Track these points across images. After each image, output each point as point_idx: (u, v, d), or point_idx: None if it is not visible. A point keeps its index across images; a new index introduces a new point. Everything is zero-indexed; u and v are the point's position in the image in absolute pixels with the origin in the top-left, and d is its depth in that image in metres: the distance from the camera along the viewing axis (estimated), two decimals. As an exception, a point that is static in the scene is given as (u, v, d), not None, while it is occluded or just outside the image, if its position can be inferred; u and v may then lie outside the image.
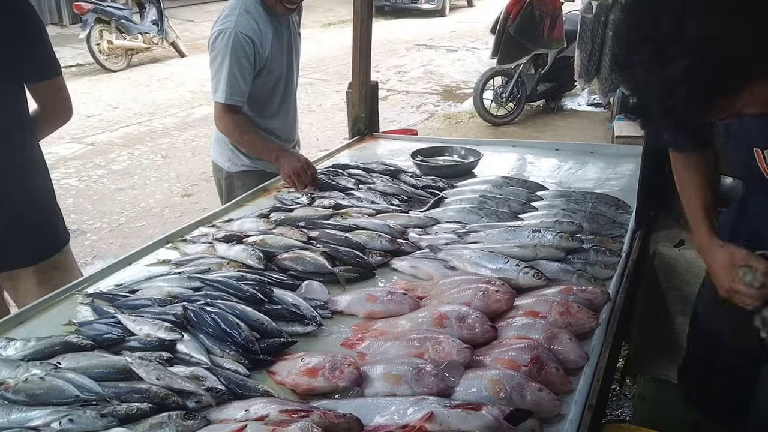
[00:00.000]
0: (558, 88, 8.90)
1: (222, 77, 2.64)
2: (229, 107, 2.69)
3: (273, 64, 2.77)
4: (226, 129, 2.77)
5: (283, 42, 2.81)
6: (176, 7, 14.46)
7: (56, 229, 2.23)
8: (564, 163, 3.12)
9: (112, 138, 7.73)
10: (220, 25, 2.67)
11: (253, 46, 2.64)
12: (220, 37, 2.65)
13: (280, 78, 2.86)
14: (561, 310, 1.73)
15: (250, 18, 2.66)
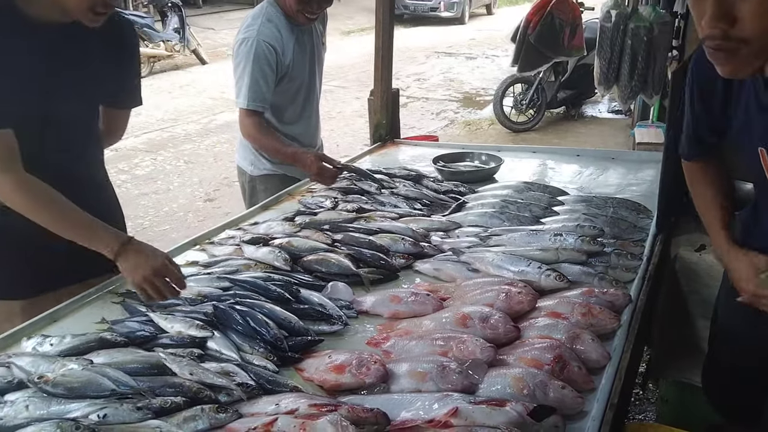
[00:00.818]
0: (578, 95, 8.91)
1: (244, 84, 2.71)
2: (251, 112, 2.75)
3: (294, 72, 2.83)
4: (248, 133, 2.84)
5: (305, 50, 2.87)
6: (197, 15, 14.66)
7: None
8: (585, 169, 3.14)
9: (136, 144, 7.86)
10: (243, 33, 2.74)
11: (275, 54, 2.71)
12: (242, 45, 2.72)
13: (302, 86, 2.92)
14: (583, 311, 1.75)
15: (272, 26, 2.73)
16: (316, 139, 3.16)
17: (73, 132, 1.94)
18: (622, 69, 4.41)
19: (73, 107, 1.90)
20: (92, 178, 2.07)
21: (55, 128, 1.87)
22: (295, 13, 2.73)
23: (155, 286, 1.73)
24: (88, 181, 2.03)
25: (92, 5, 1.69)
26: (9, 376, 1.48)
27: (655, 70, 4.45)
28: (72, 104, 1.89)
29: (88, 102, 1.97)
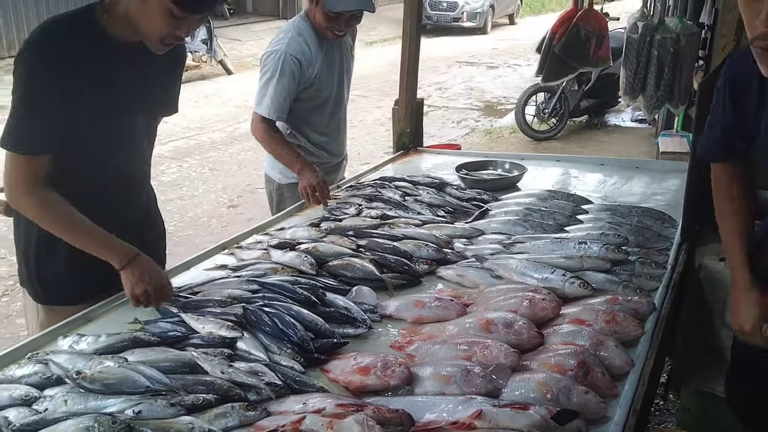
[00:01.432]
0: (601, 104, 8.88)
1: (268, 94, 2.82)
2: (265, 119, 2.86)
3: (321, 84, 2.91)
4: (260, 137, 2.93)
5: (333, 63, 2.96)
6: (224, 27, 14.84)
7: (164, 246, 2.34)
8: (609, 178, 3.15)
9: (162, 151, 7.98)
10: (273, 46, 2.86)
11: (300, 67, 2.81)
12: (271, 57, 2.83)
13: (330, 96, 3.00)
14: (607, 318, 1.77)
15: (301, 40, 2.83)
16: (342, 149, 3.23)
17: (136, 142, 2.04)
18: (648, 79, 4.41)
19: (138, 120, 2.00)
20: (143, 185, 2.18)
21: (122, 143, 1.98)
22: (323, 29, 2.82)
23: (147, 302, 1.85)
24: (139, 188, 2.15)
25: (163, 37, 1.79)
26: (47, 373, 1.53)
27: (681, 81, 4.44)
28: (137, 117, 2.00)
29: (149, 114, 2.07)
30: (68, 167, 1.87)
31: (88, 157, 1.91)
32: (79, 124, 1.83)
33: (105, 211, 1.91)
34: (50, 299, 2.02)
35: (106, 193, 1.98)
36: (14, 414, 1.39)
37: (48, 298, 2.03)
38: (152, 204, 2.24)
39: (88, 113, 1.84)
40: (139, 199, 2.14)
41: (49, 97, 1.77)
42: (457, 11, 17.81)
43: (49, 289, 2.01)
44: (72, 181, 1.89)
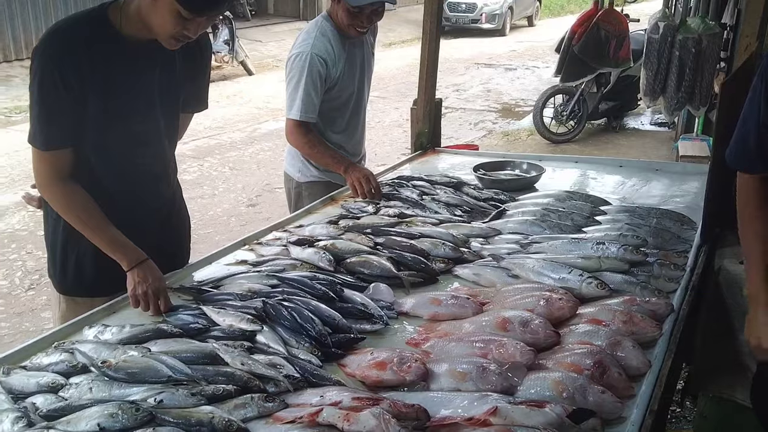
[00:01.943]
0: (620, 107, 8.83)
1: (298, 96, 2.83)
2: (301, 123, 2.85)
3: (344, 83, 2.94)
4: (298, 143, 2.93)
5: (355, 62, 2.98)
6: (246, 28, 14.94)
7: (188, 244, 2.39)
8: (628, 180, 3.14)
9: (184, 150, 8.06)
10: (298, 48, 2.87)
11: (326, 67, 2.83)
12: (297, 59, 2.85)
13: (351, 96, 3.02)
14: (624, 318, 1.77)
15: (325, 40, 2.85)
16: (360, 148, 3.25)
17: (157, 140, 2.07)
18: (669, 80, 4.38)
19: (159, 118, 2.03)
20: (168, 181, 2.21)
21: (144, 138, 2.02)
22: (346, 27, 2.84)
23: (146, 302, 1.89)
24: (165, 183, 2.19)
25: (175, 35, 1.82)
26: (73, 361, 1.57)
27: (703, 83, 4.41)
28: (159, 115, 2.03)
29: (173, 110, 2.09)
30: (90, 164, 1.93)
31: (110, 155, 1.95)
32: (97, 121, 1.88)
33: (129, 208, 1.96)
34: (72, 290, 2.08)
35: (129, 190, 2.02)
36: (41, 400, 1.43)
37: (70, 289, 2.08)
38: (178, 200, 2.28)
39: (105, 111, 1.88)
40: (163, 195, 2.17)
41: (61, 95, 1.82)
42: (475, 13, 17.77)
43: (71, 280, 2.06)
44: (94, 178, 1.94)
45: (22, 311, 4.43)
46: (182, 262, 2.23)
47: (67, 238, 2.02)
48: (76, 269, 2.05)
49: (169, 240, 2.12)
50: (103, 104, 1.87)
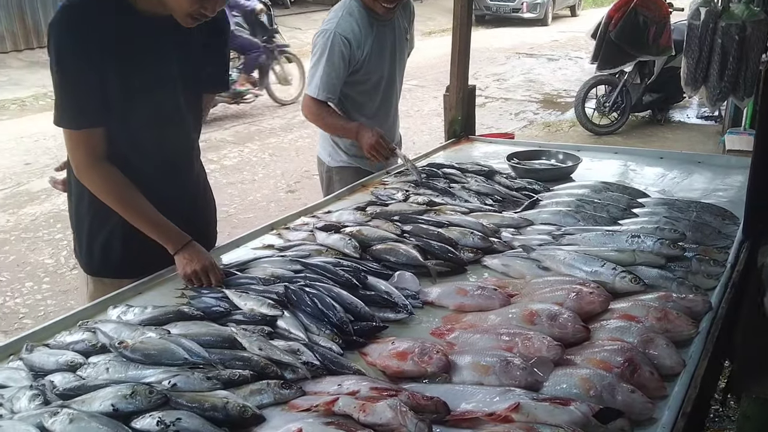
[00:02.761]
0: (665, 99, 8.57)
1: (317, 73, 2.81)
2: (318, 100, 2.84)
3: (371, 66, 2.88)
4: (311, 116, 2.93)
5: (385, 45, 2.92)
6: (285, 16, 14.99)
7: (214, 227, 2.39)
8: (669, 172, 3.03)
9: (225, 136, 8.16)
10: (324, 25, 2.85)
11: (350, 47, 2.78)
12: (321, 36, 2.82)
13: (381, 80, 2.96)
14: (658, 315, 1.69)
15: (351, 20, 2.81)
16: (393, 134, 3.19)
17: (178, 119, 2.05)
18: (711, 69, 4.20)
19: (179, 96, 2.01)
20: (192, 163, 2.19)
21: (164, 118, 1.99)
22: (373, 3, 2.77)
23: (199, 279, 1.92)
24: (188, 165, 2.17)
25: (191, 13, 1.79)
26: (93, 341, 1.57)
27: (747, 72, 4.21)
28: (179, 93, 2.00)
29: (193, 90, 2.06)
30: (114, 145, 1.91)
31: (129, 134, 1.93)
32: (116, 98, 1.86)
33: (153, 189, 1.94)
34: (99, 271, 2.08)
35: (153, 171, 2.00)
36: (59, 378, 1.43)
37: (97, 269, 2.08)
38: (203, 181, 2.26)
39: (124, 87, 1.86)
40: (187, 177, 2.16)
41: (83, 67, 1.79)
42: (516, 1, 17.53)
43: (98, 261, 2.07)
44: (119, 158, 1.92)
45: (67, 289, 4.54)
46: (209, 245, 2.21)
47: (93, 220, 2.02)
48: (103, 251, 2.05)
49: (196, 223, 2.11)
50: (121, 79, 1.85)
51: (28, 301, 4.43)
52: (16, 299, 4.47)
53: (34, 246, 5.22)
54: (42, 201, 5.95)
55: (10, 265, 4.92)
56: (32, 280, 4.71)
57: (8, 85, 10.06)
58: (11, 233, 5.46)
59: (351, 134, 2.87)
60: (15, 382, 1.43)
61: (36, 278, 4.74)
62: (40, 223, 5.60)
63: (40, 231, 5.47)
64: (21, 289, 4.59)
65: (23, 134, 7.92)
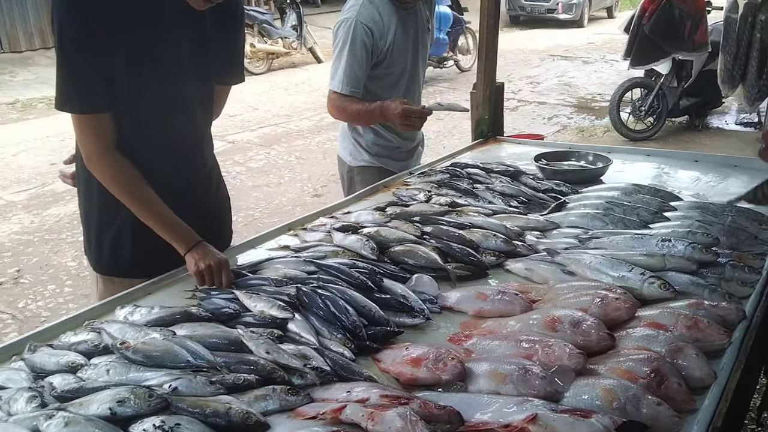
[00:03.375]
0: (703, 104, 8.31)
1: (340, 66, 2.72)
2: (341, 95, 2.75)
3: (394, 58, 2.79)
4: (335, 111, 2.85)
5: (408, 35, 2.83)
6: (316, 15, 15.03)
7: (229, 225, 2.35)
8: (704, 176, 2.91)
9: (251, 137, 8.18)
10: (344, 14, 2.75)
11: (372, 37, 2.69)
12: (342, 26, 2.73)
13: (404, 73, 2.87)
14: (688, 323, 1.59)
15: (373, 8, 2.71)
16: (416, 133, 3.10)
17: (188, 110, 1.98)
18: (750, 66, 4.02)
19: (189, 85, 1.95)
20: (202, 157, 2.12)
21: (172, 107, 1.93)
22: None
23: (211, 275, 1.85)
24: (199, 159, 2.10)
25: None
26: (96, 341, 1.54)
27: (788, 69, 4.03)
28: (188, 82, 1.94)
29: (204, 79, 2.00)
30: (121, 134, 1.86)
31: (135, 123, 1.87)
32: (124, 82, 1.79)
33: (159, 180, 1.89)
34: (109, 270, 2.05)
35: (161, 163, 1.94)
36: (59, 380, 1.39)
37: (107, 268, 2.05)
38: (216, 178, 2.20)
39: (130, 73, 1.79)
40: (199, 172, 2.11)
41: (88, 46, 1.72)
42: (551, 2, 17.32)
43: (108, 259, 2.03)
44: (125, 149, 1.87)
45: (89, 293, 4.52)
46: (223, 245, 2.16)
47: (102, 214, 1.98)
48: (113, 248, 2.01)
49: (209, 222, 2.06)
50: (127, 63, 1.78)
51: (50, 304, 4.46)
52: (38, 302, 4.49)
53: (57, 248, 5.26)
54: (67, 202, 5.98)
55: (33, 267, 4.96)
56: (55, 283, 4.73)
57: (36, 83, 10.19)
58: (35, 234, 5.51)
59: (376, 116, 2.75)
60: (14, 383, 1.40)
61: (58, 281, 4.76)
62: (63, 225, 5.64)
63: (64, 233, 5.51)
64: (43, 292, 4.62)
65: (50, 133, 8.01)
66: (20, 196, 6.31)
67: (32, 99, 9.64)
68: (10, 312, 4.36)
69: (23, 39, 11.67)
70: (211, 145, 2.16)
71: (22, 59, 11.41)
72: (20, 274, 4.87)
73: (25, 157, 7.40)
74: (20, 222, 5.76)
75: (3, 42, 11.48)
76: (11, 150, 7.65)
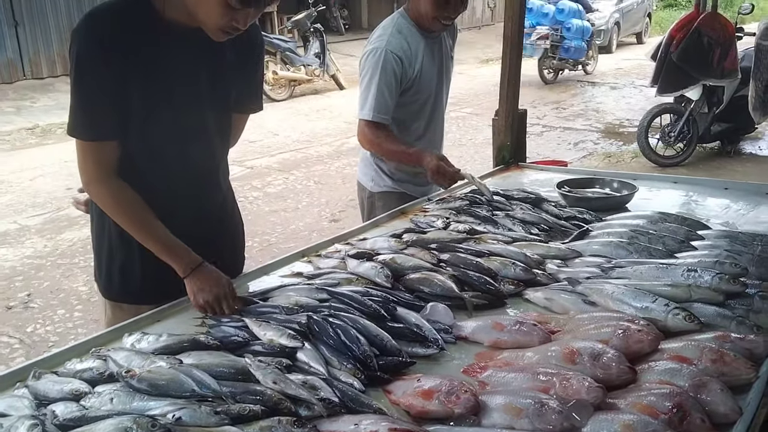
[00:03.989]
0: (735, 130, 8.15)
1: (370, 94, 2.71)
2: (373, 123, 2.74)
3: (421, 85, 2.79)
4: (367, 142, 2.83)
5: (434, 63, 2.84)
6: (339, 42, 15.19)
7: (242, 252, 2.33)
8: (734, 204, 2.82)
9: (270, 163, 8.22)
10: (372, 44, 2.76)
11: (401, 65, 2.69)
12: (371, 56, 2.73)
13: (429, 99, 2.87)
14: (714, 357, 1.52)
15: (401, 38, 2.72)
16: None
17: (204, 138, 1.98)
18: (781, 93, 3.94)
19: (207, 114, 1.95)
20: (218, 184, 2.12)
21: (189, 136, 1.93)
22: (431, 20, 2.71)
23: (213, 309, 1.84)
24: (214, 186, 2.10)
25: (223, 27, 1.72)
26: (102, 369, 1.52)
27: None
28: (206, 111, 1.94)
29: (222, 109, 2.00)
30: (133, 161, 1.86)
31: (154, 150, 1.87)
32: (138, 110, 1.80)
33: (172, 208, 1.89)
34: (118, 296, 2.04)
35: (174, 191, 1.94)
36: (61, 408, 1.37)
37: (116, 294, 2.04)
38: (230, 204, 2.19)
39: (146, 99, 1.80)
40: (214, 199, 2.10)
41: (102, 74, 1.74)
42: (579, 29, 17.23)
43: (117, 285, 2.02)
44: (136, 176, 1.87)
45: (98, 318, 4.54)
46: (235, 272, 2.15)
47: (113, 242, 1.98)
48: (122, 275, 2.00)
49: (223, 248, 2.05)
50: (143, 92, 1.79)
51: (59, 329, 4.44)
52: (47, 327, 4.48)
53: (69, 272, 5.26)
54: (81, 227, 6.00)
55: (43, 292, 4.96)
56: (64, 308, 4.72)
57: (56, 109, 10.32)
58: (47, 259, 5.53)
59: (413, 159, 2.77)
60: (16, 410, 1.38)
61: (68, 306, 4.76)
62: (77, 249, 5.66)
63: (77, 257, 5.52)
64: (53, 317, 4.61)
65: (67, 158, 8.02)
66: (35, 221, 6.38)
67: (51, 124, 9.79)
68: (18, 336, 4.36)
69: (45, 66, 11.92)
70: (227, 171, 2.16)
71: (43, 85, 11.64)
72: (30, 298, 4.88)
73: (42, 181, 7.50)
74: (33, 246, 5.80)
75: (25, 68, 11.74)
76: (28, 175, 7.76)
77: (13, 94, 11.23)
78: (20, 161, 8.32)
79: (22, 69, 11.72)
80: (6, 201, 6.95)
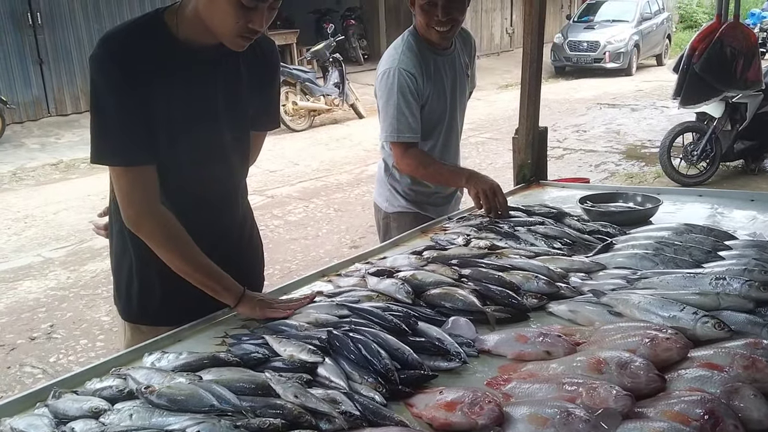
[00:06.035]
0: (760, 147, 8.03)
1: (390, 115, 2.69)
2: (406, 145, 2.71)
3: (433, 104, 2.78)
4: (409, 167, 2.80)
5: (445, 80, 2.82)
6: (357, 72, 15.34)
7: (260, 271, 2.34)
8: (761, 215, 2.75)
9: (290, 191, 8.28)
10: (384, 65, 2.75)
11: (416, 82, 2.68)
12: (384, 78, 2.72)
13: (442, 118, 2.85)
14: (745, 363, 1.47)
15: (412, 56, 2.71)
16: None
17: (223, 158, 1.98)
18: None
19: (225, 134, 1.95)
20: (237, 203, 2.12)
21: (208, 156, 1.93)
22: (426, 30, 2.70)
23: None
24: (233, 206, 2.10)
25: (239, 31, 1.72)
26: (121, 386, 1.51)
27: None
28: (225, 131, 1.94)
29: (240, 128, 2.00)
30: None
31: (173, 171, 1.87)
32: (159, 134, 1.80)
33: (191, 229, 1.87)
34: (137, 318, 2.04)
35: (190, 209, 1.92)
36: (80, 425, 1.36)
37: (135, 316, 2.04)
38: (249, 224, 2.20)
39: (164, 123, 1.80)
40: (231, 217, 2.10)
41: (126, 92, 1.72)
42: (598, 51, 17.26)
43: (137, 307, 2.02)
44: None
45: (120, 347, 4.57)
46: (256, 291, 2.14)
47: (134, 265, 1.98)
48: (141, 296, 2.00)
49: (242, 268, 2.04)
50: (162, 113, 1.79)
51: (81, 359, 4.47)
52: (70, 357, 4.52)
53: (92, 303, 5.31)
54: (104, 258, 6.04)
55: (66, 322, 5.01)
56: (87, 338, 4.76)
57: (81, 144, 10.47)
58: (70, 290, 5.59)
59: (460, 181, 2.76)
60: (36, 428, 1.37)
61: (91, 336, 4.79)
62: (99, 280, 5.71)
63: (99, 288, 5.57)
64: (75, 347, 4.65)
65: (91, 192, 8.22)
66: (58, 253, 6.46)
67: (75, 160, 9.95)
68: (41, 367, 4.40)
69: (69, 102, 12.17)
70: (246, 191, 2.16)
71: (67, 122, 11.87)
72: (53, 329, 4.92)
73: (66, 215, 7.60)
74: (56, 278, 5.87)
75: (50, 105, 11.99)
76: (52, 209, 7.87)
77: (38, 131, 11.47)
78: (44, 196, 8.48)
79: (46, 106, 11.97)
80: (30, 235, 7.07)
